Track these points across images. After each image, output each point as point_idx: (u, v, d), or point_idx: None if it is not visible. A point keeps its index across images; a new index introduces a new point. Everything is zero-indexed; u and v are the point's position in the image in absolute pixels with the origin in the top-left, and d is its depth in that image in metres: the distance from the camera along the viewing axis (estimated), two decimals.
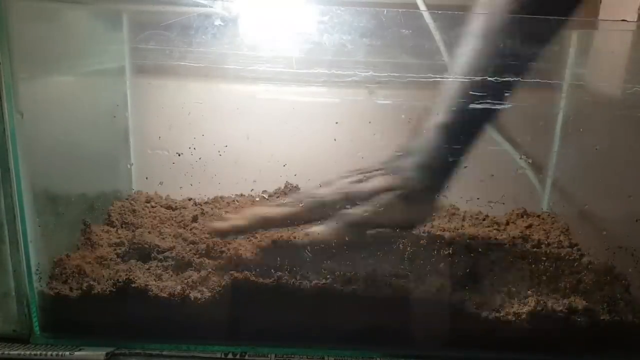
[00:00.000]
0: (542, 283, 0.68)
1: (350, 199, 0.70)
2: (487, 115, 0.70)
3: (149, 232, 0.76)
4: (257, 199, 0.92)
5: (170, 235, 0.75)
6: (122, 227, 0.80)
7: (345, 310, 0.64)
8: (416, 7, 0.80)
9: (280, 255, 0.67)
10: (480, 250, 0.74)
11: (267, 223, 0.72)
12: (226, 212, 0.83)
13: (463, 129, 0.69)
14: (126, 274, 0.64)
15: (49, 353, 0.59)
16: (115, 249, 0.73)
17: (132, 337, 0.63)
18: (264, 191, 0.93)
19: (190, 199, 0.92)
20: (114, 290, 0.63)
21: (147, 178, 0.90)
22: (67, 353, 0.60)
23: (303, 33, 0.74)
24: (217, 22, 0.73)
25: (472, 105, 0.67)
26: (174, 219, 0.84)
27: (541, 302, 0.63)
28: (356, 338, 0.64)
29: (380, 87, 0.76)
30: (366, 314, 0.65)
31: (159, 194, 0.93)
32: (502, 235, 0.83)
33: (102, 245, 0.73)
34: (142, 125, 0.91)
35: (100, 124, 0.84)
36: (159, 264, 0.69)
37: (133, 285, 0.63)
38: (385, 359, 0.63)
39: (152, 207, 0.88)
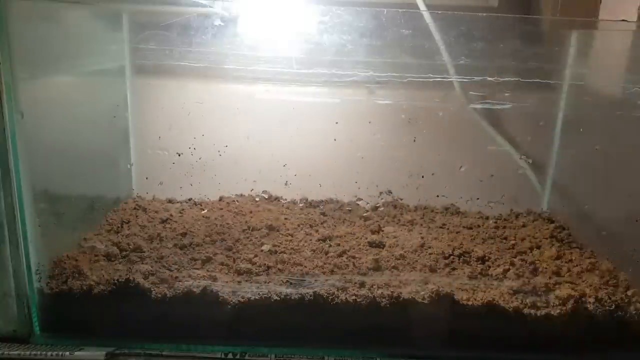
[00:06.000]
0: None
1: None
2: None
3: None
4: (257, 199, 0.92)
5: None
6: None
7: None
8: (416, 7, 0.80)
9: None
10: None
11: None
12: None
13: None
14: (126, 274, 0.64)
15: (49, 353, 0.59)
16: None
17: (132, 336, 0.63)
18: (264, 191, 0.93)
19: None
20: (114, 289, 0.63)
21: (147, 178, 0.90)
22: (67, 353, 0.59)
23: (303, 33, 0.74)
24: (217, 22, 0.73)
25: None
26: None
27: None
28: None
29: (380, 87, 0.76)
30: None
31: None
32: None
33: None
34: (142, 125, 0.91)
35: (100, 124, 0.84)
36: None
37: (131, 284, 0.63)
38: (385, 359, 0.63)
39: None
